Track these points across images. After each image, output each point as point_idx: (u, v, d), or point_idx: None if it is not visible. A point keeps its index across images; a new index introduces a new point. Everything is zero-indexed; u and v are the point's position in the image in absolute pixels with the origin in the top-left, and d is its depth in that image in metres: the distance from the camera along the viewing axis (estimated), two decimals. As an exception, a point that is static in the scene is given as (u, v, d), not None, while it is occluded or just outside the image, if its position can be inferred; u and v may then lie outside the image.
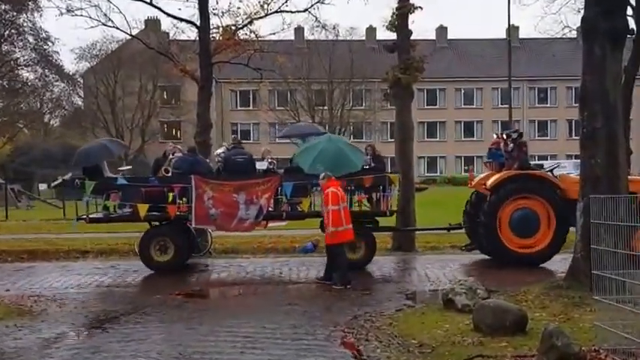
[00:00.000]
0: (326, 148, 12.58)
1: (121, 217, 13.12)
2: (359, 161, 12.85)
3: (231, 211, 12.37)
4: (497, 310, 7.26)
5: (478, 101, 61.07)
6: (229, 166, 12.82)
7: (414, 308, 9.13)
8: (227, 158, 12.99)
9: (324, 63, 50.34)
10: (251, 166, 13.01)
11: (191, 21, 16.98)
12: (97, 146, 14.19)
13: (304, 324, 8.30)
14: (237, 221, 12.43)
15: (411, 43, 15.98)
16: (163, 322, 8.61)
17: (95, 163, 13.10)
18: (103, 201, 13.06)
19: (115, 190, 12.87)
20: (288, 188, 12.50)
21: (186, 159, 13.02)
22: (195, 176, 12.33)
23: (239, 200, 12.32)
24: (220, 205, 12.36)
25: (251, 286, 11.37)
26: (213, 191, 12.31)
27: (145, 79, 51.64)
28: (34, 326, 8.39)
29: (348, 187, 12.54)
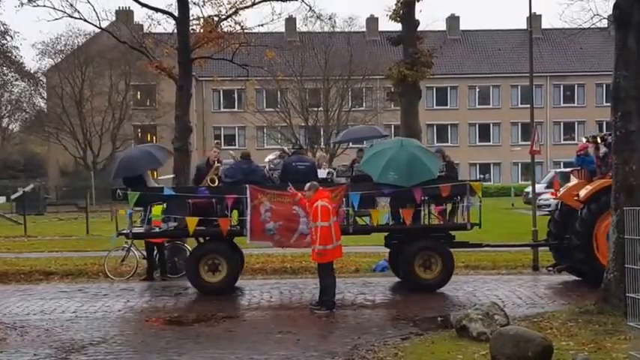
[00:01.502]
0: (397, 154, 12.64)
1: (165, 232, 13.17)
2: (435, 168, 12.83)
3: (291, 225, 12.38)
4: (517, 338, 7.26)
5: (495, 101, 61.29)
6: (289, 175, 12.74)
7: (423, 336, 9.13)
8: (287, 165, 12.96)
9: (319, 58, 50.49)
10: (313, 174, 12.94)
11: (168, 11, 17.03)
12: (140, 154, 14.18)
13: (298, 354, 8.29)
14: (298, 237, 12.43)
15: (418, 35, 16.09)
16: (137, 353, 8.60)
17: (140, 174, 13.16)
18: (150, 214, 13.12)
19: (160, 202, 12.87)
20: (355, 199, 12.49)
21: (240, 166, 12.94)
22: (251, 186, 12.30)
23: (300, 213, 12.28)
24: (279, 219, 12.34)
25: (237, 311, 11.35)
26: (271, 203, 12.30)
27: (116, 78, 51.65)
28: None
29: (423, 197, 12.61)
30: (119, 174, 13.47)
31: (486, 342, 7.88)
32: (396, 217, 13.04)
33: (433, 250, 12.71)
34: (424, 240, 12.92)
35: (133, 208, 12.85)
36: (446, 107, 60.34)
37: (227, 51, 18.01)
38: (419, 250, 12.74)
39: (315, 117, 52.13)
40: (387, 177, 12.30)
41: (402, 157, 12.59)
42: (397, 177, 12.22)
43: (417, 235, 13.03)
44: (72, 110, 51.39)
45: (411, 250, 12.78)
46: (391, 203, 12.91)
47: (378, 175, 12.50)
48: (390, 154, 12.67)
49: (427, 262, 12.66)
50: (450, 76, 57.27)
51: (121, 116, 52.91)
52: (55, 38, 52.76)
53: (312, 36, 47.89)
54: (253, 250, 18.58)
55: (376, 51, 52.03)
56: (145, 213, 13.21)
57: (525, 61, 41.61)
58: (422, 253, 12.73)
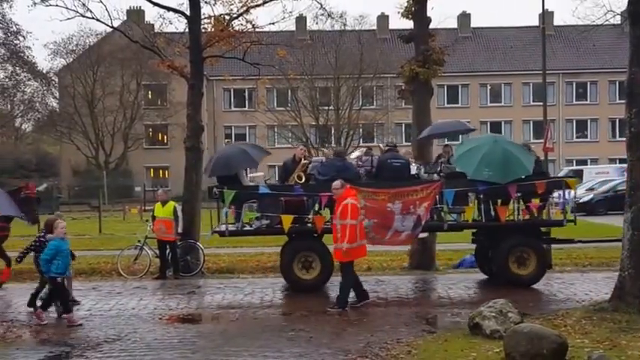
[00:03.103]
0: (492, 150, 12.61)
1: (258, 230, 13.24)
2: (530, 164, 12.79)
3: (386, 222, 12.36)
4: (532, 336, 7.23)
5: (507, 98, 61.04)
6: (384, 172, 12.78)
7: (436, 334, 9.11)
8: (382, 162, 12.97)
9: (329, 57, 50.49)
10: (407, 171, 13.01)
11: (180, 10, 17.08)
12: (236, 152, 14.14)
13: (311, 352, 8.30)
14: (392, 234, 12.44)
15: (430, 33, 16.02)
16: (152, 350, 8.65)
17: (235, 172, 13.20)
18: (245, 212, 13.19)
19: (254, 200, 12.94)
20: (449, 196, 12.48)
21: (333, 164, 12.87)
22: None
23: (394, 210, 12.31)
24: (373, 216, 12.31)
25: (249, 309, 11.38)
26: (366, 200, 12.25)
27: (128, 78, 51.93)
28: (7, 355, 8.51)
29: (517, 194, 12.56)
30: (215, 172, 13.42)
31: (500, 340, 7.87)
32: (487, 214, 12.87)
33: (527, 246, 12.63)
34: (518, 236, 12.80)
35: (228, 206, 12.77)
36: (457, 105, 60.12)
37: (238, 50, 18.05)
38: (513, 247, 12.66)
39: (325, 116, 52.11)
40: (482, 174, 12.28)
41: (497, 153, 12.54)
42: (492, 174, 12.20)
43: (511, 231, 12.88)
44: (84, 110, 51.72)
45: (505, 246, 12.67)
46: (484, 199, 12.77)
47: (473, 171, 12.46)
48: (484, 151, 12.62)
49: (521, 259, 12.59)
50: (461, 73, 57.11)
51: (132, 116, 53.19)
52: (67, 38, 53.25)
53: (323, 34, 47.86)
54: (265, 249, 18.68)
55: (387, 49, 51.95)
56: (241, 211, 13.15)
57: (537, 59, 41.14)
58: (515, 250, 12.66)
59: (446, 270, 15.61)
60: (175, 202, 15.55)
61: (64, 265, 10.28)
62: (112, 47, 48.44)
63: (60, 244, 10.27)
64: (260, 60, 18.28)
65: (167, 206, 14.99)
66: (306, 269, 12.69)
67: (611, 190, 31.36)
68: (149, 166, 56.55)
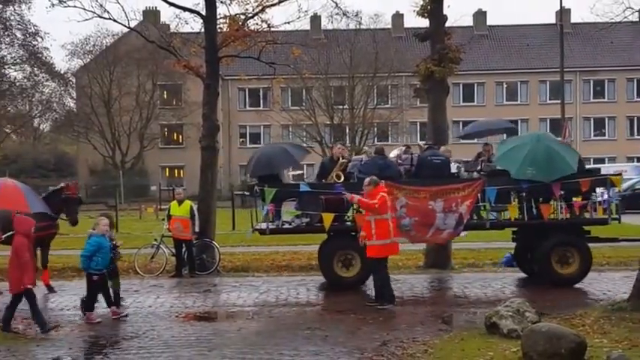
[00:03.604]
0: (535, 148, 12.56)
1: (298, 228, 13.30)
2: (574, 162, 12.70)
3: (427, 220, 12.37)
4: (550, 335, 7.19)
5: (523, 96, 60.65)
6: (424, 169, 12.78)
7: (452, 333, 9.08)
8: (423, 159, 12.96)
9: (344, 56, 50.43)
10: (447, 169, 13.01)
11: (196, 10, 17.13)
12: (278, 151, 14.16)
13: (326, 350, 8.30)
14: (434, 231, 12.45)
15: (446, 31, 15.95)
16: (169, 347, 8.70)
17: (277, 172, 13.28)
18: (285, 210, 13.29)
19: (294, 199, 13.01)
20: (492, 194, 12.48)
21: (375, 162, 12.89)
22: (386, 181, 12.20)
23: (436, 208, 12.32)
24: (415, 214, 12.33)
25: (265, 307, 11.40)
26: (407, 198, 12.30)
27: (144, 78, 52.23)
28: (28, 351, 8.62)
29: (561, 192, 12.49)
30: (257, 171, 13.46)
31: (517, 339, 7.83)
32: (530, 212, 12.78)
33: (570, 245, 12.55)
34: (560, 235, 12.71)
35: (269, 204, 12.74)
36: (473, 104, 59.82)
37: (253, 49, 18.07)
38: (555, 245, 12.58)
39: (340, 115, 52.07)
40: (526, 172, 12.22)
41: (540, 151, 12.46)
42: (536, 172, 12.15)
43: (553, 230, 12.79)
44: (101, 110, 52.09)
45: (548, 245, 12.60)
46: (526, 198, 12.69)
47: (516, 170, 12.40)
48: (527, 149, 12.55)
49: (564, 257, 12.52)
50: (476, 72, 56.79)
51: (148, 116, 53.49)
52: (84, 39, 53.61)
53: (338, 33, 47.81)
54: (279, 248, 18.72)
55: (402, 48, 51.79)
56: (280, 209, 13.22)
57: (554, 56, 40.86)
58: (558, 248, 12.58)
59: (461, 269, 15.54)
60: (191, 201, 15.61)
61: (103, 262, 10.32)
62: (128, 48, 48.76)
63: (101, 240, 10.36)
64: (275, 59, 18.30)
65: (184, 205, 15.05)
66: (346, 267, 12.68)
67: (629, 188, 31.05)
68: (164, 165, 56.85)
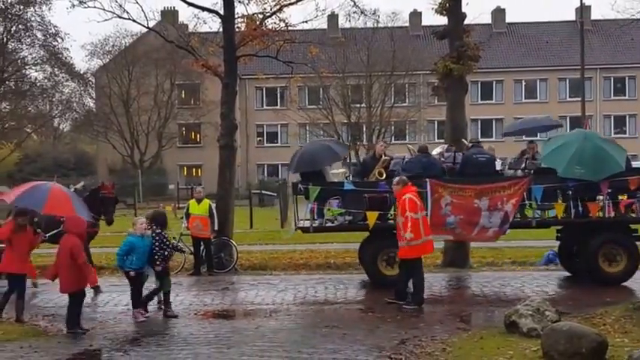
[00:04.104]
0: (583, 147, 12.47)
1: (341, 226, 13.28)
2: (622, 161, 12.60)
3: (472, 218, 12.35)
4: (571, 334, 7.14)
5: (542, 94, 60.13)
6: (470, 167, 12.74)
7: (471, 332, 9.05)
8: (468, 157, 12.91)
9: (361, 54, 50.35)
10: (493, 167, 12.97)
11: (214, 10, 17.21)
12: (321, 148, 14.12)
13: (345, 348, 8.30)
14: (479, 230, 12.41)
15: (464, 29, 15.87)
16: (188, 345, 8.76)
17: (320, 168, 13.27)
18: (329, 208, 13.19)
19: (337, 197, 13.01)
20: (538, 192, 12.43)
21: (419, 160, 12.86)
22: (431, 180, 12.28)
23: (481, 206, 12.29)
24: (460, 212, 12.32)
25: (283, 305, 11.42)
26: (452, 196, 12.28)
27: (162, 77, 52.55)
28: (49, 348, 8.71)
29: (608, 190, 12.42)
30: (299, 168, 13.43)
31: (537, 338, 7.78)
32: (576, 210, 12.63)
33: (618, 244, 12.43)
34: (607, 233, 12.58)
35: (312, 202, 12.75)
36: (491, 102, 59.45)
37: (271, 48, 18.10)
38: (602, 244, 12.47)
39: (357, 113, 52.00)
40: (573, 171, 12.14)
41: (588, 150, 12.36)
42: (583, 171, 12.06)
43: (600, 228, 12.66)
44: (119, 110, 52.46)
45: (595, 243, 12.49)
46: (572, 196, 12.58)
47: (564, 169, 12.30)
48: (574, 148, 12.45)
49: (611, 256, 12.41)
50: (495, 69, 56.37)
51: (166, 115, 53.80)
52: (103, 39, 54.08)
53: (355, 32, 47.74)
54: (297, 246, 18.76)
55: (419, 46, 51.61)
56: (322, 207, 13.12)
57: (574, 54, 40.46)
58: (606, 247, 12.46)
59: (480, 268, 15.47)
60: (210, 200, 15.68)
61: (138, 260, 10.33)
62: (146, 48, 49.07)
63: (135, 240, 10.34)
64: (292, 58, 18.33)
65: (203, 204, 15.11)
66: (390, 265, 12.62)
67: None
68: (182, 164, 57.13)
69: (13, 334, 9.39)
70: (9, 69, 42.32)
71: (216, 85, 25.12)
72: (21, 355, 8.31)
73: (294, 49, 19.11)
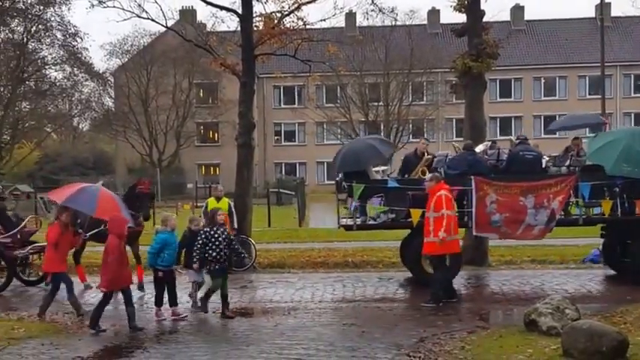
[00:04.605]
0: (630, 145, 12.40)
1: (384, 224, 13.32)
2: None
3: (518, 216, 12.30)
4: (591, 333, 7.11)
5: (561, 92, 59.66)
6: (516, 165, 12.69)
7: (490, 330, 9.03)
8: (515, 155, 12.86)
9: (379, 52, 50.25)
10: (540, 164, 12.95)
11: (232, 9, 17.25)
12: (365, 147, 13.96)
13: (363, 346, 8.32)
14: (524, 228, 12.36)
15: (483, 26, 15.80)
16: (207, 342, 8.84)
17: (364, 167, 13.26)
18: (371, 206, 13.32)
19: (381, 194, 13.02)
20: (585, 190, 12.37)
21: (464, 158, 12.75)
22: (476, 177, 12.24)
23: (527, 204, 12.24)
24: (505, 210, 12.27)
25: (301, 303, 11.47)
26: (497, 194, 12.26)
27: (180, 77, 52.81)
28: (71, 344, 8.83)
29: None
30: (344, 167, 13.40)
31: (557, 336, 7.74)
32: (623, 207, 12.53)
33: None
34: None
35: (357, 200, 12.76)
36: (510, 99, 59.10)
37: (289, 47, 18.11)
38: None
39: (375, 112, 51.95)
40: (622, 169, 12.08)
41: (636, 147, 12.28)
42: (630, 169, 12.00)
43: None
44: (138, 109, 52.79)
45: None
46: (619, 193, 12.49)
47: (611, 167, 12.24)
48: (622, 145, 12.37)
49: None
50: (514, 67, 56.04)
51: (184, 114, 54.06)
52: (122, 39, 54.45)
53: (373, 30, 47.65)
54: (315, 244, 18.78)
55: (437, 44, 51.40)
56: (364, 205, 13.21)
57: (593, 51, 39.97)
58: None
59: (499, 266, 15.39)
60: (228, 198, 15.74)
61: (170, 257, 10.41)
62: (164, 47, 49.35)
63: (168, 237, 10.43)
64: (310, 57, 18.33)
65: (222, 202, 15.15)
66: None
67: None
68: (200, 163, 57.42)
69: (35, 331, 9.51)
70: (29, 69, 42.72)
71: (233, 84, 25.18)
72: (42, 351, 8.41)
73: (311, 48, 19.08)
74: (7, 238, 13.45)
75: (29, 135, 47.48)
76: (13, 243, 13.48)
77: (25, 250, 13.46)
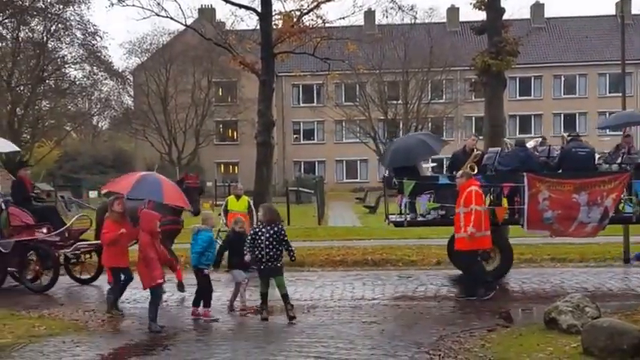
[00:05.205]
0: None
1: (434, 221, 13.33)
2: None
3: (570, 213, 12.25)
4: (611, 331, 7.10)
5: (581, 90, 59.20)
6: (569, 162, 12.62)
7: (510, 328, 9.02)
8: (567, 152, 12.78)
9: (398, 50, 50.17)
10: (592, 161, 12.89)
11: (251, 7, 17.40)
12: (416, 143, 13.81)
13: (383, 344, 8.35)
14: (577, 225, 12.30)
15: (503, 23, 15.76)
16: (226, 340, 8.89)
17: (415, 163, 13.31)
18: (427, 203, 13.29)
19: (432, 191, 13.04)
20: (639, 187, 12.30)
21: (516, 154, 12.70)
22: (528, 174, 12.21)
23: (580, 201, 12.19)
24: (558, 207, 12.22)
25: (320, 301, 11.51)
26: (550, 191, 12.21)
27: (199, 75, 53.04)
28: (92, 342, 8.90)
29: None
30: (394, 162, 13.37)
31: (577, 334, 7.73)
32: None
33: None
34: None
35: (407, 197, 12.72)
36: (529, 97, 58.74)
37: (308, 45, 18.20)
38: None
39: (394, 110, 51.88)
40: None
41: None
42: None
43: None
44: (157, 107, 53.11)
45: None
46: None
47: None
48: None
49: None
50: (534, 65, 55.67)
51: (203, 112, 54.30)
52: (141, 38, 54.79)
53: (392, 28, 47.59)
54: (334, 243, 18.82)
55: (457, 42, 51.22)
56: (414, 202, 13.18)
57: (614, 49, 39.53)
58: None
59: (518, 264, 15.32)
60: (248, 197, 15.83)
61: (212, 257, 10.41)
62: (183, 46, 49.62)
63: (212, 235, 10.42)
64: (329, 55, 18.42)
65: (242, 200, 15.24)
66: (485, 260, 12.46)
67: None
68: (219, 161, 57.69)
69: (56, 328, 9.58)
70: (49, 68, 43.14)
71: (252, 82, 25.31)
72: (63, 349, 8.46)
73: (330, 46, 19.18)
74: (54, 237, 13.15)
75: (49, 134, 47.94)
76: (62, 242, 13.26)
77: (70, 249, 13.21)
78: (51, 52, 43.01)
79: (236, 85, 53.23)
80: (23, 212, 13.10)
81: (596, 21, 58.81)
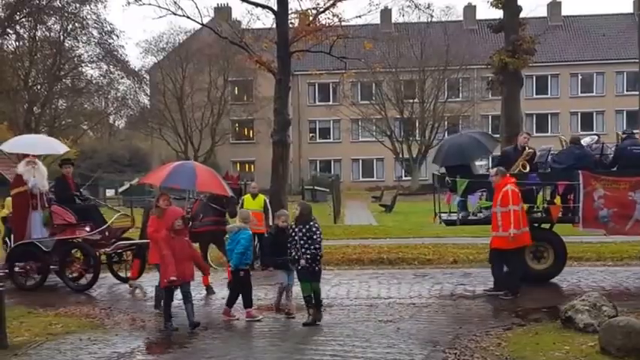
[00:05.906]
0: None
1: (486, 219, 12.92)
2: None
3: (626, 211, 12.20)
4: (629, 330, 7.08)
5: (599, 88, 58.76)
6: (623, 159, 12.53)
7: (526, 327, 9.00)
8: (622, 149, 12.66)
9: (414, 49, 50.09)
10: None
11: (268, 6, 17.47)
12: (469, 141, 13.72)
13: (399, 343, 8.37)
14: (633, 223, 12.23)
15: (520, 22, 15.73)
16: (242, 338, 8.96)
17: (469, 162, 13.27)
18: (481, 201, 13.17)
19: (484, 189, 12.91)
20: None
21: (572, 152, 12.53)
22: (583, 172, 12.09)
23: (636, 199, 12.13)
24: (613, 205, 12.18)
25: (336, 300, 11.53)
26: (605, 189, 12.16)
27: (215, 74, 53.23)
28: (108, 340, 8.96)
29: None
30: (447, 161, 13.33)
31: (593, 333, 7.72)
32: None
33: None
34: None
35: (461, 195, 12.70)
36: (546, 96, 58.40)
37: (324, 44, 18.23)
38: None
39: (410, 108, 51.80)
40: None
41: None
42: None
43: None
44: (173, 106, 53.38)
45: None
46: None
47: None
48: None
49: None
50: (550, 63, 55.36)
51: (219, 111, 54.49)
52: (157, 36, 55.12)
53: (408, 26, 47.54)
54: (350, 241, 18.85)
55: (473, 40, 51.06)
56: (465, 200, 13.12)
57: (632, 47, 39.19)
58: None
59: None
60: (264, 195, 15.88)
61: (251, 256, 10.30)
62: (200, 44, 49.83)
63: (251, 234, 10.17)
64: (345, 54, 18.42)
65: (258, 199, 15.28)
66: (538, 259, 12.44)
67: None
68: (235, 160, 57.88)
69: (72, 326, 9.66)
70: (65, 67, 43.54)
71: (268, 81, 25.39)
72: (80, 347, 8.53)
73: (346, 45, 19.17)
74: (95, 236, 13.04)
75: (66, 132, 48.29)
76: (103, 240, 13.20)
77: (110, 247, 13.15)
78: (68, 51, 43.41)
79: (252, 83, 53.36)
80: (66, 211, 13.08)
81: (614, 19, 58.38)
